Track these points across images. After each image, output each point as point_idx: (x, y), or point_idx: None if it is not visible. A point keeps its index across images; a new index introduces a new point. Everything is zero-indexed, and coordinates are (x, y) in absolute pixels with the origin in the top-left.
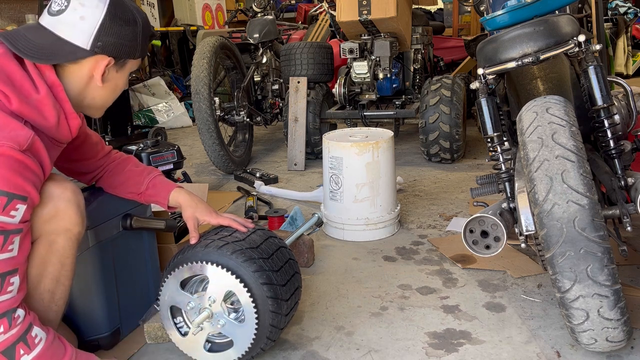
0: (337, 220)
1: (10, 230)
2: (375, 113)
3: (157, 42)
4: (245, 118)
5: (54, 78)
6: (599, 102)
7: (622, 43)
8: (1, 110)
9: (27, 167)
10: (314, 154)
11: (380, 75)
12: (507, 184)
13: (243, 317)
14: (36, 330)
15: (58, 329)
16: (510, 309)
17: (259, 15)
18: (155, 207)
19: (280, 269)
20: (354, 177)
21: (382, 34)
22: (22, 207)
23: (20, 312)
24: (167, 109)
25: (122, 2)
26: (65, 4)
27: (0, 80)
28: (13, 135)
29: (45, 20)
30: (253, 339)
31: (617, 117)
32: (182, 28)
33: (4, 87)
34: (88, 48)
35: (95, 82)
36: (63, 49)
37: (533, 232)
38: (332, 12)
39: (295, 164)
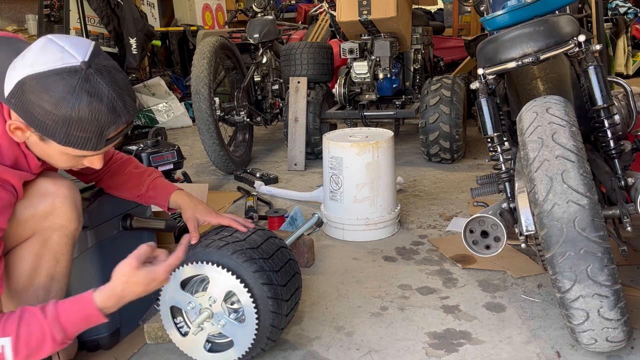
0: (337, 221)
1: None
2: (375, 113)
3: (157, 42)
4: (245, 118)
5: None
6: (599, 102)
7: (622, 43)
8: None
9: None
10: (314, 154)
11: (380, 75)
12: (507, 184)
13: (243, 317)
14: None
15: None
16: (510, 309)
17: (259, 15)
18: (155, 207)
19: (281, 269)
20: (354, 177)
21: (382, 34)
22: None
23: None
24: (167, 109)
25: (72, 77)
26: (28, 48)
27: None
28: None
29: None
30: (253, 339)
31: (617, 117)
32: (182, 28)
33: None
34: (5, 97)
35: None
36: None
37: (533, 232)
38: (332, 12)
39: (295, 164)
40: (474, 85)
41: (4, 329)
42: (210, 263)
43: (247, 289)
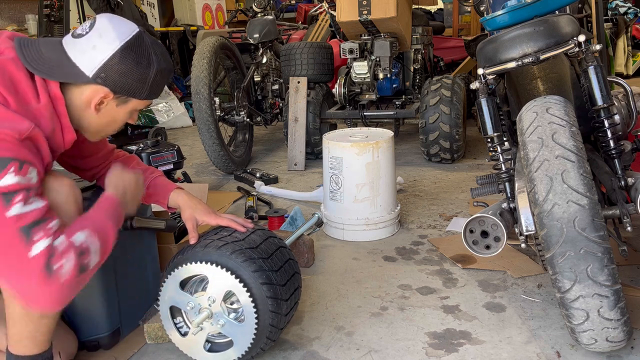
0: (337, 220)
1: (30, 188)
2: (375, 113)
3: None
4: (245, 118)
5: (57, 91)
6: (599, 102)
7: (622, 43)
8: (2, 105)
9: (28, 148)
10: (314, 154)
11: (380, 75)
12: (507, 184)
13: (243, 317)
14: (80, 237)
15: (57, 329)
16: (510, 309)
17: (259, 15)
18: (155, 207)
19: (280, 269)
20: (354, 177)
21: (382, 34)
22: (33, 171)
23: (59, 241)
24: (167, 109)
25: (139, 45)
26: (87, 30)
27: (3, 85)
28: (13, 125)
29: (66, 39)
30: (253, 339)
31: (617, 117)
32: (182, 28)
33: (4, 90)
34: (90, 76)
35: (91, 109)
36: (67, 68)
37: (533, 232)
38: (332, 12)
39: (295, 164)
40: (474, 85)
41: (79, 227)
42: (209, 263)
43: (246, 289)
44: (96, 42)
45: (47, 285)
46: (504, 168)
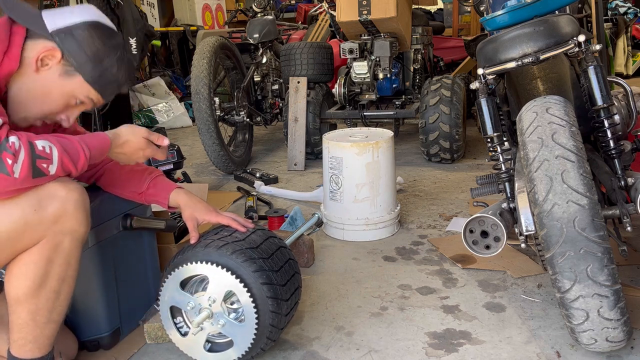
0: (337, 220)
1: None
2: (375, 113)
3: (157, 42)
4: (245, 118)
5: (21, 29)
6: (599, 102)
7: (622, 43)
8: None
9: None
10: (314, 154)
11: (380, 75)
12: (507, 184)
13: (243, 317)
14: (40, 143)
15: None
16: (510, 309)
17: (259, 15)
18: (155, 207)
19: (280, 269)
20: (354, 177)
21: (382, 34)
22: None
23: (12, 138)
24: (167, 109)
25: (113, 35)
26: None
27: None
28: None
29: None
30: (253, 339)
31: (617, 117)
32: (182, 28)
33: None
34: (50, 30)
35: (30, 66)
36: (33, 18)
37: (533, 232)
38: (332, 12)
39: (295, 164)
40: (474, 85)
41: (42, 137)
42: (209, 263)
43: (246, 289)
44: (75, 9)
45: None
46: (503, 168)
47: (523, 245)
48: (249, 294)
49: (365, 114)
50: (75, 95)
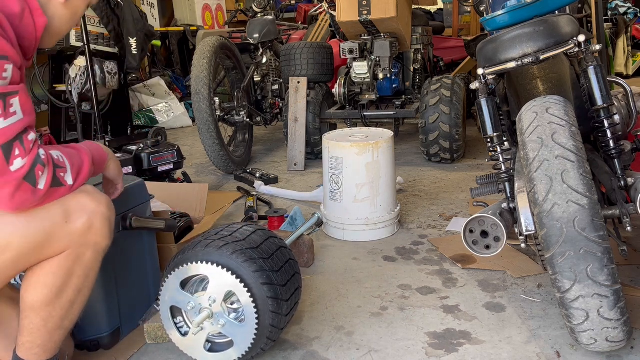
0: (337, 220)
1: (5, 93)
2: (375, 113)
3: (157, 42)
4: (245, 118)
5: None
6: (599, 102)
7: (622, 43)
8: None
9: None
10: (314, 154)
11: (380, 76)
12: (507, 184)
13: (243, 317)
14: (55, 153)
15: None
16: (510, 309)
17: (259, 15)
18: (155, 207)
19: (281, 269)
20: (354, 177)
21: (382, 34)
22: (9, 67)
23: (41, 151)
24: (167, 109)
25: None
26: None
27: None
28: None
29: None
30: (253, 339)
31: (617, 117)
32: (182, 28)
33: None
34: None
35: (55, 4)
36: None
37: (533, 232)
38: (332, 12)
39: (295, 164)
40: (474, 85)
41: (54, 148)
42: (210, 263)
43: (247, 289)
44: None
45: (24, 192)
46: (503, 168)
47: (523, 245)
48: (249, 294)
49: (365, 114)
50: (92, 2)
